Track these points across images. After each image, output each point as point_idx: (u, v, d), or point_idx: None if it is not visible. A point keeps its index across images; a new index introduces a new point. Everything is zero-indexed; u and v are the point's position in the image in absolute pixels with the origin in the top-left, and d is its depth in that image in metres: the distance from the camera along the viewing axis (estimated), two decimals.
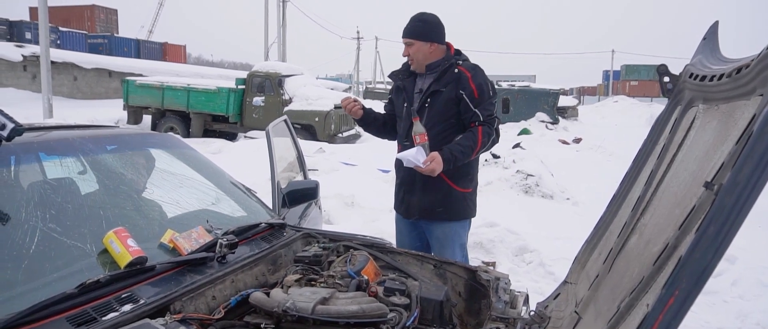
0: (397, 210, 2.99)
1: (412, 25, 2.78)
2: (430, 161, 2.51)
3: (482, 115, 2.68)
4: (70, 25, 33.65)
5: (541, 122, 21.04)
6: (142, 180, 2.17)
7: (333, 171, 7.60)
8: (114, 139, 2.29)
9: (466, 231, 2.95)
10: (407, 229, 2.98)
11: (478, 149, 2.67)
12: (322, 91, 14.19)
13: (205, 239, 1.94)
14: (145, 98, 14.61)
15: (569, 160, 10.36)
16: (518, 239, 4.37)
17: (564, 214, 5.59)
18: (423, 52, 2.76)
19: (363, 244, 2.38)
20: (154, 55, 35.20)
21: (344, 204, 5.39)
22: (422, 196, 2.80)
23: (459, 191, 2.80)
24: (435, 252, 2.92)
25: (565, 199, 6.20)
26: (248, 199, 2.62)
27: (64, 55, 22.36)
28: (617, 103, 34.79)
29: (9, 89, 19.32)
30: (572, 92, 51.98)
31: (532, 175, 6.24)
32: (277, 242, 2.21)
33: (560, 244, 4.54)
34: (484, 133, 2.65)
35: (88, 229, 1.74)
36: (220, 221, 2.25)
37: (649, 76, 54.23)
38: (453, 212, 2.81)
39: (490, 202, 5.52)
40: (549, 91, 22.47)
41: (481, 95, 2.70)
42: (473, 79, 2.71)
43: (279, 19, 27.00)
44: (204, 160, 2.65)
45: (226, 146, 10.81)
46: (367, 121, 2.98)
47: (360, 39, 51.38)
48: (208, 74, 27.65)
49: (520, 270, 4.02)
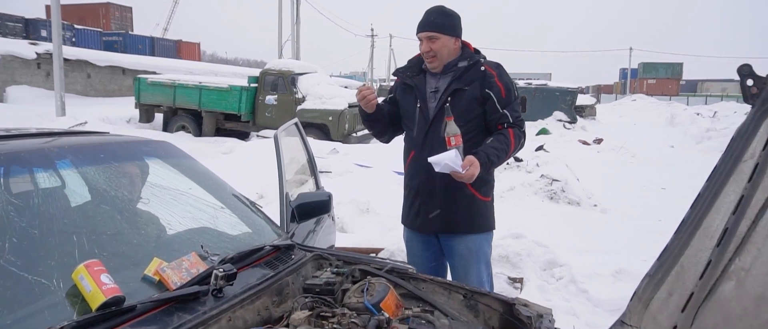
0: (410, 225, 2.67)
1: (435, 17, 2.47)
2: (469, 165, 2.20)
3: (511, 116, 2.41)
4: (85, 23, 33.77)
5: (558, 121, 20.61)
6: (129, 197, 1.89)
7: (347, 173, 7.32)
8: (100, 148, 2.01)
9: (490, 245, 2.64)
10: (420, 246, 2.66)
11: (510, 153, 2.40)
12: (336, 89, 13.91)
13: (198, 269, 1.65)
14: (157, 96, 14.43)
15: (591, 162, 9.99)
16: (547, 252, 4.04)
17: (593, 223, 5.25)
18: (448, 47, 2.47)
19: (381, 269, 2.08)
20: (169, 52, 35.21)
21: (359, 211, 5.10)
22: (444, 207, 2.49)
23: (482, 200, 2.51)
24: (457, 271, 2.61)
25: (592, 206, 5.85)
26: (252, 214, 2.33)
27: (78, 52, 22.34)
28: (636, 101, 34.11)
29: (23, 86, 19.32)
30: (589, 91, 51.21)
31: (558, 180, 5.89)
32: (284, 267, 1.92)
33: (592, 258, 4.21)
34: (515, 135, 2.39)
35: (57, 260, 1.45)
36: (219, 242, 1.96)
37: (666, 75, 53.35)
38: (476, 224, 2.51)
39: (513, 209, 5.19)
40: (567, 89, 22.01)
41: (508, 94, 2.43)
42: (499, 78, 2.44)
43: (293, 17, 26.77)
44: (203, 170, 2.36)
45: (238, 145, 10.58)
46: (376, 117, 2.62)
47: (374, 37, 51.14)
48: (221, 72, 27.56)
49: (549, 286, 3.69)
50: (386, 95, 2.80)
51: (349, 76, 57.99)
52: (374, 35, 51.37)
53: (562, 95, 21.49)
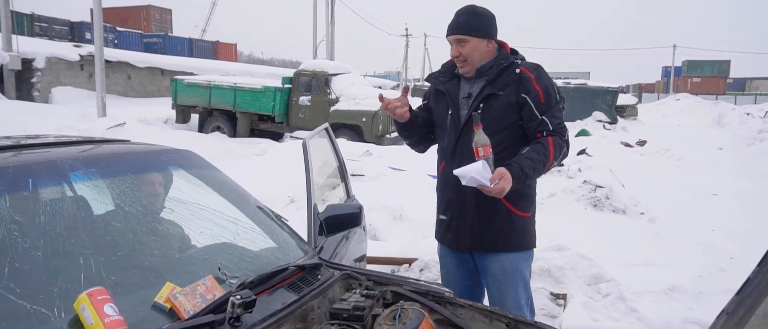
0: (442, 241, 2.47)
1: (464, 19, 2.25)
2: (498, 179, 2.00)
3: (551, 123, 2.17)
4: (127, 25, 34.76)
5: (598, 121, 19.99)
6: (144, 212, 1.76)
7: (380, 177, 7.15)
8: (116, 159, 1.90)
9: (528, 265, 2.41)
10: (454, 264, 2.46)
11: (549, 164, 2.15)
12: (370, 90, 13.76)
13: (214, 294, 1.50)
14: (193, 97, 14.59)
15: (635, 165, 9.55)
16: (592, 265, 3.78)
17: (640, 233, 4.93)
18: (480, 51, 2.25)
19: (416, 291, 1.90)
20: (206, 53, 35.85)
21: (392, 217, 4.93)
22: (476, 223, 2.29)
23: (519, 216, 2.28)
24: (491, 292, 2.39)
25: (638, 214, 5.51)
26: (277, 229, 2.18)
27: (119, 54, 22.93)
28: (680, 101, 32.82)
29: (67, 87, 19.92)
30: (629, 90, 49.74)
31: (602, 186, 5.57)
32: (309, 289, 1.76)
33: (641, 272, 3.92)
34: (556, 145, 2.15)
35: (60, 286, 1.33)
36: (240, 261, 1.82)
37: (712, 73, 51.34)
38: (513, 242, 2.29)
39: (554, 218, 4.92)
40: (607, 89, 21.36)
41: (547, 99, 2.20)
42: (538, 81, 2.20)
43: (328, 17, 26.84)
44: (226, 181, 2.23)
45: (272, 147, 10.56)
46: (412, 126, 2.40)
47: (408, 36, 50.92)
48: (257, 72, 27.85)
49: (595, 304, 3.43)
50: (421, 97, 2.61)
51: (384, 76, 57.96)
52: (409, 35, 51.14)
53: (602, 95, 20.88)
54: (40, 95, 19.00)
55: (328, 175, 3.21)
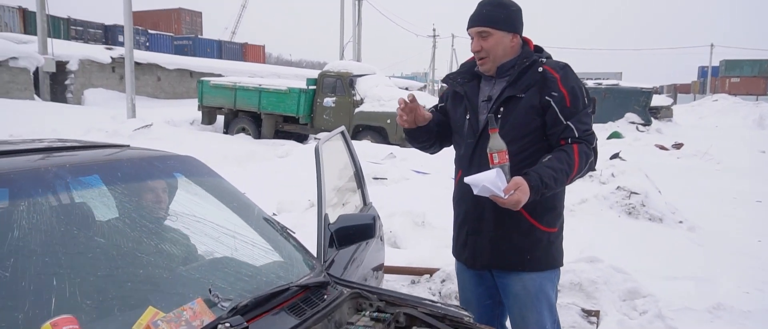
0: (458, 258, 2.26)
1: (488, 9, 2.04)
2: (513, 190, 1.79)
3: (577, 129, 1.95)
4: (158, 28, 35.40)
5: (631, 123, 19.42)
6: (134, 225, 1.62)
7: (403, 180, 6.97)
8: (110, 166, 1.76)
9: (554, 285, 2.17)
10: (472, 282, 2.24)
11: (573, 175, 1.92)
12: (395, 91, 13.58)
13: (202, 321, 1.35)
14: (219, 99, 14.67)
15: (671, 170, 9.14)
16: (627, 279, 3.52)
17: (679, 243, 4.62)
18: (503, 45, 2.04)
19: (432, 315, 1.72)
20: (235, 55, 36.20)
21: (414, 223, 4.74)
22: (495, 239, 2.07)
23: (544, 231, 2.06)
24: (513, 313, 2.17)
25: (677, 222, 5.19)
26: (283, 242, 2.02)
27: (149, 56, 23.29)
28: (717, 102, 31.67)
29: (99, 89, 20.32)
30: (663, 90, 48.36)
31: (637, 192, 5.26)
32: (312, 312, 1.59)
33: (681, 287, 3.64)
34: (581, 153, 1.92)
35: (26, 313, 1.19)
36: (238, 279, 1.65)
37: (752, 72, 49.46)
38: (537, 260, 2.07)
39: (585, 226, 4.65)
40: (641, 89, 20.75)
41: (574, 102, 1.97)
42: (563, 81, 1.98)
43: (354, 18, 26.79)
44: (230, 190, 2.08)
45: (295, 149, 10.47)
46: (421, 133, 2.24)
47: (436, 37, 50.63)
48: (284, 74, 27.98)
49: (631, 322, 3.18)
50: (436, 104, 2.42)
51: (411, 77, 57.72)
52: (436, 35, 50.84)
53: (635, 96, 20.30)
54: (73, 97, 19.43)
55: (344, 181, 3.05)
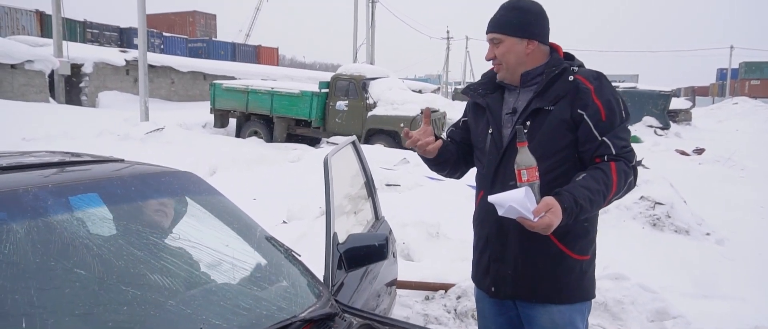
0: (479, 285, 2.05)
1: (501, 14, 1.88)
2: (544, 211, 1.58)
3: (614, 146, 1.74)
4: (173, 31, 35.62)
5: (648, 126, 19.04)
6: (120, 254, 1.46)
7: (417, 187, 6.79)
8: (99, 185, 1.61)
9: (584, 318, 1.95)
10: (493, 312, 2.03)
11: (611, 197, 1.71)
12: (409, 95, 13.41)
13: None
14: (231, 102, 14.60)
15: (693, 176, 8.83)
16: (655, 298, 3.31)
17: (708, 257, 4.39)
18: (516, 53, 1.85)
19: None
20: (248, 58, 36.29)
21: (428, 234, 4.56)
22: (520, 266, 1.87)
23: (576, 260, 1.84)
24: None
25: (704, 234, 4.94)
26: (288, 265, 1.86)
27: (163, 59, 23.38)
28: (737, 105, 31.04)
29: (113, 91, 20.43)
30: (681, 93, 47.59)
31: (662, 203, 5.03)
32: None
33: (714, 307, 3.42)
34: (620, 172, 1.71)
35: None
36: (235, 312, 1.49)
37: None
38: (567, 292, 1.86)
39: (608, 240, 4.40)
40: (659, 93, 20.34)
41: (610, 116, 1.76)
42: (598, 93, 1.77)
43: (368, 20, 26.67)
44: (231, 208, 1.92)
45: (306, 153, 10.34)
46: (442, 159, 2.03)
47: (450, 39, 50.41)
48: (297, 76, 27.96)
49: None
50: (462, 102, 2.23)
51: (424, 79, 57.55)
52: (450, 38, 50.60)
53: (653, 99, 19.91)
54: (88, 100, 19.54)
55: (355, 193, 2.90)
